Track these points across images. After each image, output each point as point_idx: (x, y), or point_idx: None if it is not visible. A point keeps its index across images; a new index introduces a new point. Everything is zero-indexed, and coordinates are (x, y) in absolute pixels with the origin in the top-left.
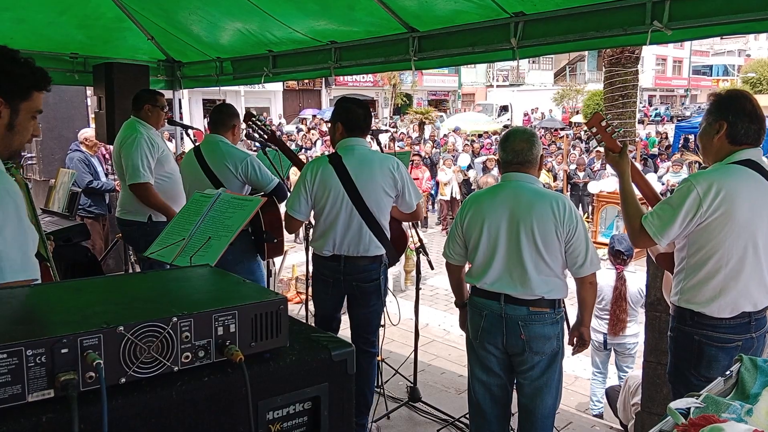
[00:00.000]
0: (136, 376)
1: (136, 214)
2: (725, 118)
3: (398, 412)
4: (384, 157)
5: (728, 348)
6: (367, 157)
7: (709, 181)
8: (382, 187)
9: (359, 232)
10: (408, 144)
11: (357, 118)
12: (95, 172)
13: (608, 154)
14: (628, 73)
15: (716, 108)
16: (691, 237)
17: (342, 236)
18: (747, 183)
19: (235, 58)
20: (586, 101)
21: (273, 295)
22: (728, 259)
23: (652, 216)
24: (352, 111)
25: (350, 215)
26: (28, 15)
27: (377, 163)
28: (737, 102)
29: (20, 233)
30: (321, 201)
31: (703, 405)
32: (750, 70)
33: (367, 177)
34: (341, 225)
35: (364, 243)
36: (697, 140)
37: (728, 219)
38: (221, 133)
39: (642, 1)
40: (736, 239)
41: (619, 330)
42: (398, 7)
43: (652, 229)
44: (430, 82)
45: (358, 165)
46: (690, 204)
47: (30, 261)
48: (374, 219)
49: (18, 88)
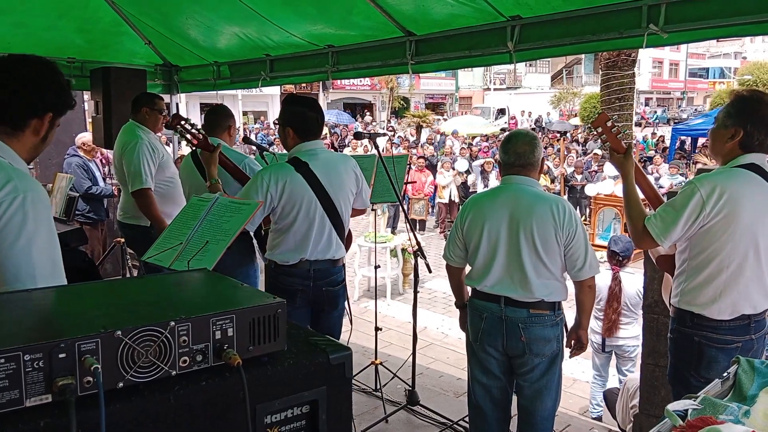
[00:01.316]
0: (133, 381)
1: (139, 218)
2: (743, 126)
3: (396, 416)
4: (344, 158)
5: (728, 349)
6: (331, 160)
7: (712, 183)
8: (349, 188)
9: (329, 238)
10: (405, 147)
11: (311, 124)
12: (93, 177)
13: (612, 154)
14: (625, 76)
15: (736, 112)
16: (693, 239)
17: (315, 245)
18: (750, 186)
19: (232, 62)
20: (583, 104)
21: (271, 299)
22: (730, 262)
23: (655, 218)
24: (305, 117)
25: (322, 223)
26: (28, 19)
27: (342, 166)
28: (760, 109)
29: (51, 240)
30: (290, 214)
31: (700, 407)
32: (746, 73)
33: (337, 182)
34: (315, 234)
35: (332, 247)
36: (708, 135)
37: (731, 222)
38: (217, 135)
39: (638, 4)
40: (739, 242)
41: (613, 331)
42: (395, 11)
43: (654, 230)
44: (428, 85)
45: (326, 170)
46: (693, 206)
47: (58, 268)
48: (342, 223)
49: (65, 106)
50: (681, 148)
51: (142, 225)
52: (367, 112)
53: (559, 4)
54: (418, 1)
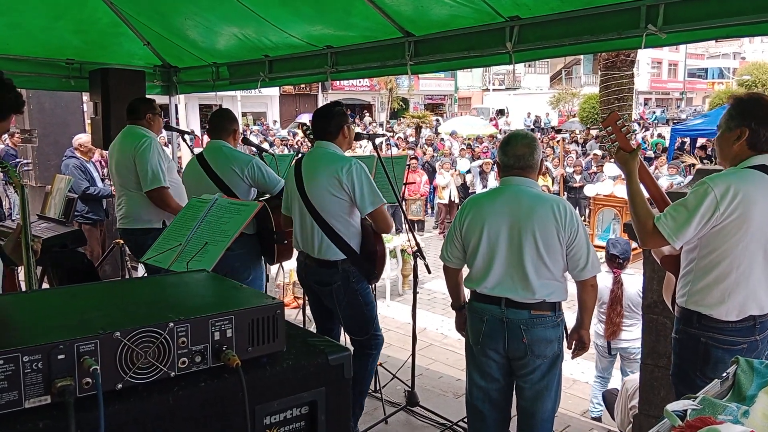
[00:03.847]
0: (132, 382)
1: (149, 221)
2: (748, 125)
3: (396, 417)
4: (334, 159)
5: (734, 350)
6: (318, 159)
7: (726, 183)
8: (327, 188)
9: (312, 235)
10: (404, 148)
11: (313, 127)
12: (91, 178)
13: (619, 152)
14: (624, 77)
15: (738, 113)
16: (704, 239)
17: (302, 239)
18: (762, 187)
19: (231, 63)
20: (582, 105)
21: (269, 300)
22: (740, 263)
23: (665, 217)
24: (314, 119)
25: (303, 217)
26: (25, 20)
27: (324, 167)
28: (762, 107)
29: None
30: (288, 200)
31: (699, 407)
32: (745, 73)
33: (314, 181)
34: (299, 227)
35: (316, 246)
36: (714, 143)
37: (743, 222)
38: (222, 138)
39: (637, 5)
40: (750, 243)
41: (615, 333)
42: (394, 12)
43: (666, 230)
44: (427, 86)
45: (308, 168)
46: (707, 206)
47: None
48: (323, 220)
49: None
50: (680, 148)
51: (154, 227)
52: (366, 113)
53: (558, 5)
54: (417, 2)
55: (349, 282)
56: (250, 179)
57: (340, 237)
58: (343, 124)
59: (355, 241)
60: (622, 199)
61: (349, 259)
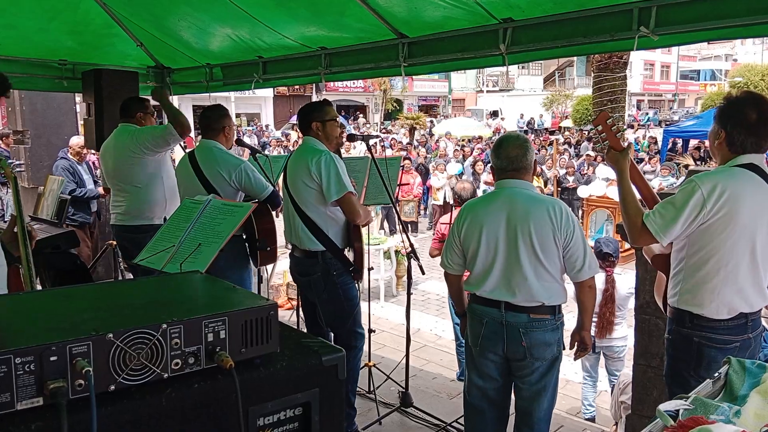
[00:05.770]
0: (125, 384)
1: (152, 218)
2: (724, 127)
3: (390, 418)
4: (311, 152)
5: (727, 349)
6: (300, 152)
7: (713, 181)
8: (301, 178)
9: (294, 224)
10: (398, 150)
11: (302, 125)
12: (80, 179)
13: (609, 151)
14: (617, 78)
15: (719, 114)
16: (692, 237)
17: (285, 225)
18: (750, 186)
19: (225, 64)
20: (576, 106)
21: (263, 301)
22: (728, 260)
23: (654, 214)
24: (298, 115)
25: (287, 205)
26: (18, 21)
27: (301, 157)
28: (739, 112)
29: None
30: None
31: (691, 407)
32: (737, 75)
33: (292, 170)
34: (285, 214)
35: (297, 233)
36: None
37: (730, 220)
38: (213, 137)
39: (629, 7)
40: (737, 241)
41: (607, 332)
42: (388, 14)
43: (654, 227)
44: (421, 87)
45: (293, 159)
46: (694, 204)
47: None
48: (301, 210)
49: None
50: (672, 149)
51: (155, 224)
52: (360, 114)
53: (551, 7)
54: (411, 4)
55: (330, 274)
56: (237, 183)
57: (317, 226)
58: (317, 120)
59: (333, 232)
60: (615, 201)
61: (329, 251)
